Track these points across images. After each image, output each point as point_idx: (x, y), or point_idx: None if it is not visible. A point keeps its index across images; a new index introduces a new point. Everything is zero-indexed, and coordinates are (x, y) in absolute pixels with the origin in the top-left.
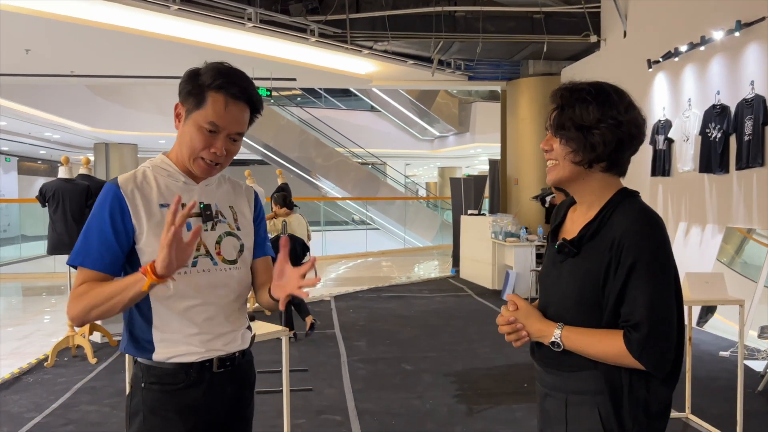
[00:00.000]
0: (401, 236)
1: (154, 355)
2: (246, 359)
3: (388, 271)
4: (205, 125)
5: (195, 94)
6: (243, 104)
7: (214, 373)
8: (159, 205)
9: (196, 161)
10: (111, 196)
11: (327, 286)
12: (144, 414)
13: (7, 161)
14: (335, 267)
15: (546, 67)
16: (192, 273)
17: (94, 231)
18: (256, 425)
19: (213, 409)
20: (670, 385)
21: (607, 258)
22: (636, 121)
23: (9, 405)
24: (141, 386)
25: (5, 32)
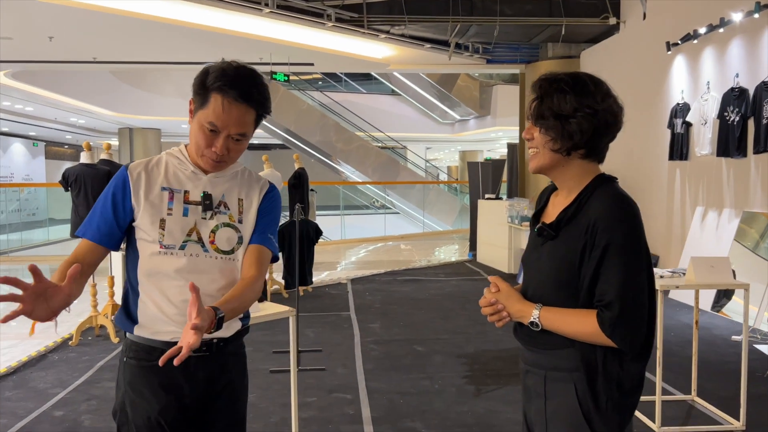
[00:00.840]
0: (421, 220)
1: (135, 328)
2: (229, 348)
3: (405, 255)
4: (206, 125)
5: (200, 94)
6: (244, 106)
7: (190, 356)
8: (161, 188)
9: (202, 157)
10: (117, 178)
11: (345, 269)
12: (124, 387)
13: (35, 146)
14: (355, 251)
15: (565, 50)
16: (178, 255)
17: (98, 208)
18: (269, 402)
19: (186, 392)
20: (642, 362)
21: (583, 240)
22: (611, 109)
23: (35, 381)
24: (123, 360)
25: (29, 20)
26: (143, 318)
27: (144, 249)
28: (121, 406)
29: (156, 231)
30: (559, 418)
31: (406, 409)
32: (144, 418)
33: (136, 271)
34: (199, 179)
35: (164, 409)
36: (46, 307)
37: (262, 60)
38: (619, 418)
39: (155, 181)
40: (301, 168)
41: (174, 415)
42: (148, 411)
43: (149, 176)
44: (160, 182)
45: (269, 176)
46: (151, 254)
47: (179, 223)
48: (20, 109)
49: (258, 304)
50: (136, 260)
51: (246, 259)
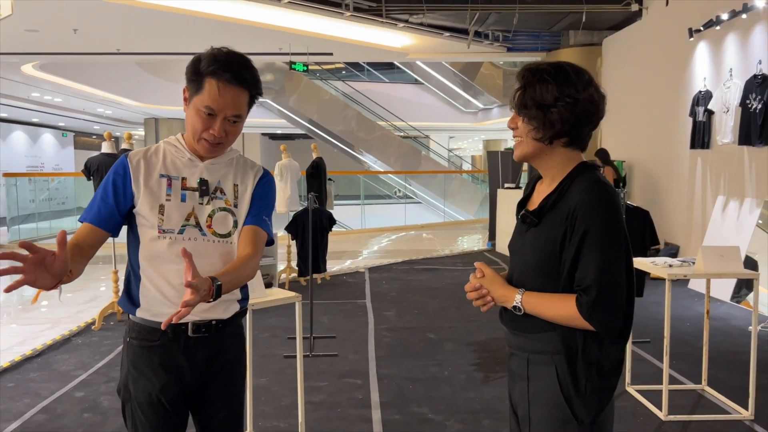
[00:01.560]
0: (442, 210)
1: (137, 311)
2: (228, 330)
3: (425, 245)
4: (203, 109)
5: (195, 81)
6: (238, 88)
7: (190, 337)
8: (159, 174)
9: (199, 142)
10: (118, 165)
11: (364, 258)
12: (127, 366)
13: (64, 136)
14: (375, 240)
15: (587, 38)
16: (177, 239)
17: (98, 194)
18: (281, 386)
19: (185, 371)
20: (621, 345)
21: (563, 227)
22: (592, 98)
23: (59, 363)
24: (126, 340)
25: (54, 13)
26: (144, 300)
27: (144, 234)
28: (124, 383)
29: (155, 216)
30: (540, 399)
31: (414, 395)
32: (145, 395)
33: (137, 256)
34: (196, 166)
35: (165, 387)
36: (48, 275)
37: (282, 50)
38: (598, 399)
39: (154, 168)
40: (318, 158)
41: (174, 394)
42: (150, 388)
43: (148, 164)
44: (159, 169)
45: (287, 166)
46: (150, 239)
47: (177, 208)
48: (49, 100)
49: (266, 290)
50: (137, 245)
51: (241, 239)
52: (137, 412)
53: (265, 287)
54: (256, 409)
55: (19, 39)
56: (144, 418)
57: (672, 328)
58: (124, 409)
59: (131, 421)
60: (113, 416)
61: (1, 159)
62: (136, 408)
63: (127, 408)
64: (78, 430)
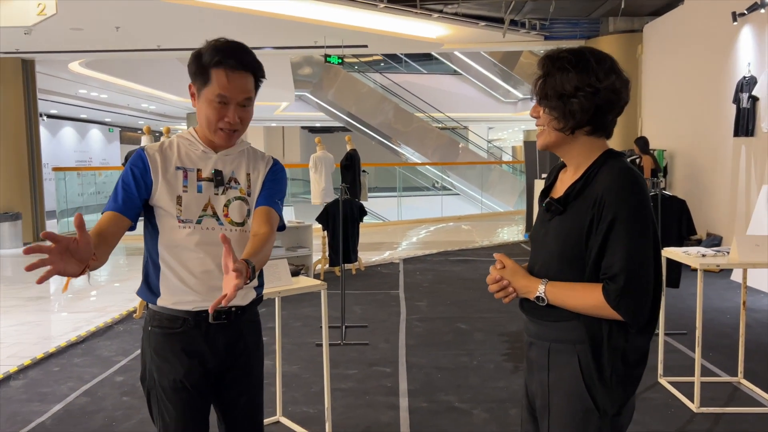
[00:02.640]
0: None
1: (158, 300)
2: (246, 316)
3: (461, 236)
4: (215, 99)
5: (200, 74)
6: (244, 73)
7: (210, 324)
8: (175, 167)
9: (216, 132)
10: (136, 157)
11: (402, 249)
12: (150, 354)
13: (111, 132)
14: (412, 231)
15: (627, 24)
16: (196, 229)
17: (118, 185)
18: (311, 373)
19: (207, 357)
20: (647, 335)
21: (590, 215)
22: (613, 86)
23: (101, 349)
24: (148, 329)
25: (98, 12)
26: (165, 290)
27: (164, 225)
28: (148, 371)
29: (174, 207)
30: (560, 389)
31: (442, 384)
32: (170, 381)
33: (156, 246)
34: (209, 158)
35: (188, 372)
36: (74, 261)
37: (317, 43)
38: (623, 390)
39: (170, 161)
40: (352, 149)
41: (197, 378)
42: (174, 374)
43: (164, 157)
44: (174, 162)
45: (322, 158)
46: (170, 229)
47: (194, 199)
48: (96, 96)
49: (292, 278)
50: (155, 236)
51: (255, 219)
52: (162, 398)
53: (291, 275)
54: (286, 395)
55: (64, 37)
56: (170, 403)
57: (711, 320)
58: (149, 397)
59: (157, 408)
60: None
61: (51, 154)
62: (161, 394)
63: (152, 395)
64: (117, 412)
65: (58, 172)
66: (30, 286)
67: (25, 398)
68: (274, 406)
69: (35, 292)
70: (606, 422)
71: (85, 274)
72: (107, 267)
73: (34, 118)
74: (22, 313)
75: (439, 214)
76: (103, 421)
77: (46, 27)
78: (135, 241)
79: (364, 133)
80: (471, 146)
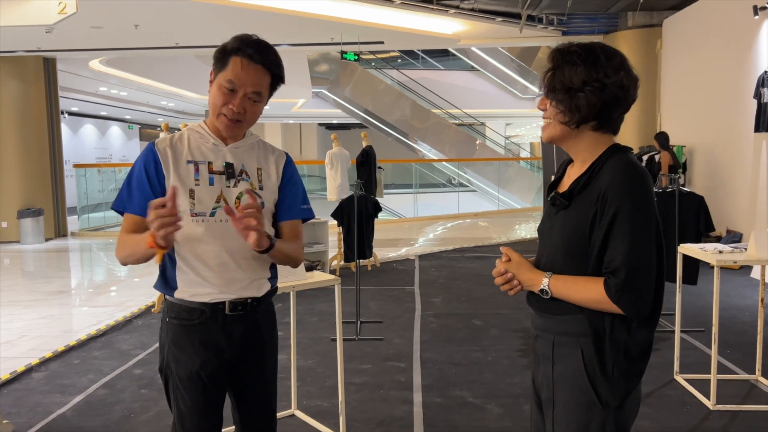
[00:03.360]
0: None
1: (175, 292)
2: (261, 307)
3: (479, 233)
4: (225, 84)
5: (220, 60)
6: (260, 67)
7: (227, 315)
8: (186, 161)
9: (219, 117)
10: (146, 152)
11: (414, 246)
12: (168, 345)
13: (131, 129)
14: (429, 228)
15: (646, 19)
16: (210, 222)
17: (132, 183)
18: (326, 367)
19: (224, 348)
20: (649, 329)
21: (593, 209)
22: (621, 83)
23: (120, 343)
24: (166, 320)
25: (117, 11)
26: (182, 282)
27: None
28: (165, 362)
29: (186, 200)
30: (564, 381)
31: (455, 379)
32: (186, 372)
33: None
34: (220, 150)
35: (204, 363)
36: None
37: (333, 40)
38: (625, 383)
39: (180, 154)
40: (368, 146)
41: (213, 369)
42: (191, 365)
43: (175, 151)
44: (185, 156)
45: (337, 154)
46: (185, 223)
47: (207, 191)
48: (116, 94)
49: (306, 273)
50: None
51: (285, 234)
52: (179, 388)
53: (306, 270)
54: (301, 389)
55: (85, 36)
56: (186, 393)
57: (729, 318)
58: (167, 387)
59: (173, 397)
60: None
61: (72, 151)
62: (178, 384)
63: (169, 385)
64: (135, 404)
65: (78, 169)
66: (52, 281)
67: (46, 390)
68: (289, 399)
69: (57, 287)
70: (609, 415)
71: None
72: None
73: (55, 116)
74: (44, 306)
75: (456, 211)
76: (121, 412)
77: (66, 25)
78: None
79: (381, 129)
80: (488, 142)
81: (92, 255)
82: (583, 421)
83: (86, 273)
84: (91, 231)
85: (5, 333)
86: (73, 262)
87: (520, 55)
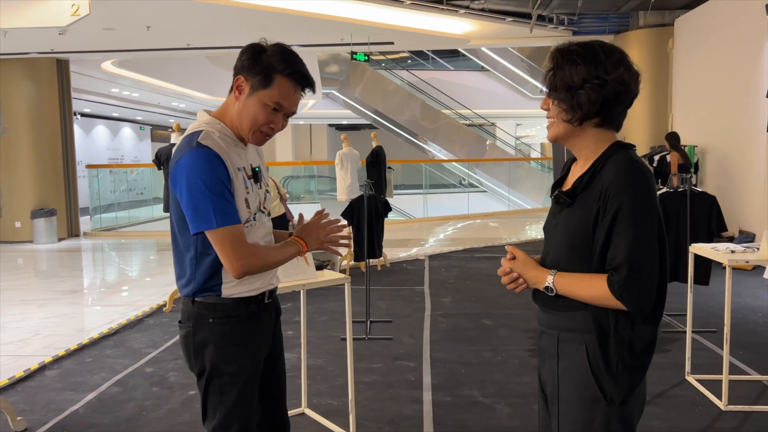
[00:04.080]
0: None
1: (223, 292)
2: (275, 292)
3: (489, 233)
4: (271, 104)
5: (262, 74)
6: (301, 88)
7: (265, 304)
8: (237, 168)
9: (255, 134)
10: (217, 161)
11: (424, 246)
12: (215, 344)
13: (142, 130)
14: (438, 228)
15: (658, 18)
16: (254, 225)
17: (224, 194)
18: (336, 366)
19: (267, 334)
20: (653, 325)
21: (596, 207)
22: (621, 78)
23: (132, 342)
24: (209, 321)
25: (129, 12)
26: (229, 283)
27: None
28: (213, 364)
29: (245, 210)
30: (569, 377)
31: (465, 378)
32: (240, 367)
33: None
34: (243, 155)
35: (256, 354)
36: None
37: (343, 41)
38: (630, 379)
39: (231, 161)
40: (378, 146)
41: (263, 359)
42: (246, 359)
43: (228, 158)
44: (235, 162)
45: (347, 155)
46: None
47: (254, 197)
48: (128, 95)
49: (316, 272)
50: None
51: None
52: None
53: (316, 269)
54: (310, 388)
55: (97, 37)
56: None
57: (742, 318)
58: (208, 388)
59: (219, 397)
60: (179, 390)
61: (84, 152)
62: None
63: (212, 386)
64: (147, 402)
65: (91, 170)
66: (65, 280)
67: (59, 387)
68: (299, 398)
69: (70, 286)
70: (613, 410)
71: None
72: (138, 262)
73: (68, 117)
74: (58, 305)
75: (466, 211)
76: (133, 410)
77: (79, 27)
78: (163, 237)
79: (391, 130)
80: (498, 143)
81: (104, 255)
82: (588, 417)
83: (98, 272)
84: (103, 231)
85: (19, 331)
86: (86, 261)
87: (531, 55)
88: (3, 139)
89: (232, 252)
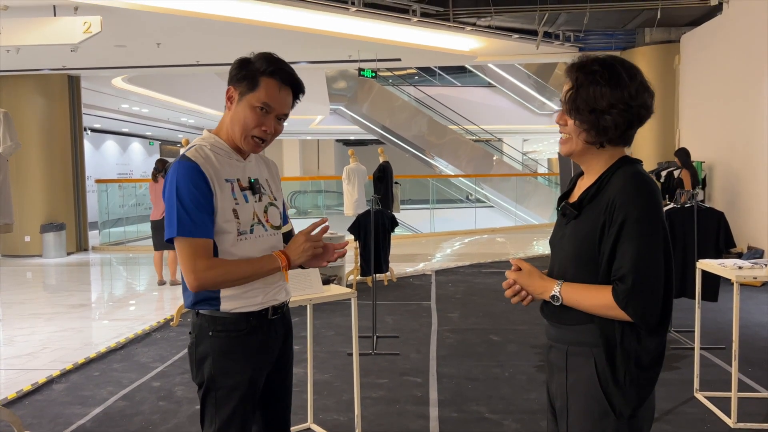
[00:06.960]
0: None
1: (221, 306)
2: (287, 309)
3: (496, 248)
4: (259, 105)
5: (248, 79)
6: (289, 89)
7: (270, 320)
8: (225, 179)
9: (246, 139)
10: (194, 172)
11: (431, 261)
12: (213, 357)
13: (151, 145)
14: (447, 243)
15: (664, 35)
16: (251, 238)
17: (200, 205)
18: (342, 381)
19: (271, 350)
20: (660, 337)
21: (602, 218)
22: (646, 104)
23: (139, 356)
24: (209, 334)
25: (139, 30)
26: (230, 296)
27: (225, 240)
28: (210, 376)
29: (233, 221)
30: (578, 391)
31: (472, 394)
32: (234, 381)
33: (216, 256)
34: (239, 167)
35: (256, 369)
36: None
37: (351, 57)
38: (637, 392)
39: (218, 173)
40: (385, 161)
41: (261, 375)
42: (242, 374)
43: (213, 168)
44: (222, 174)
45: (355, 170)
46: (231, 244)
47: (244, 209)
48: (137, 110)
49: (322, 286)
50: (215, 249)
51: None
52: (223, 401)
53: (323, 283)
54: (317, 403)
55: (109, 54)
56: (238, 402)
57: (751, 335)
58: (206, 400)
59: (214, 409)
60: (186, 404)
61: (94, 167)
62: (223, 396)
63: (209, 398)
64: (154, 416)
65: (100, 184)
66: (73, 294)
67: (67, 401)
68: (305, 412)
69: (78, 300)
70: (623, 424)
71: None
72: (146, 276)
73: (79, 132)
74: (65, 319)
75: (473, 227)
76: (140, 424)
77: (91, 44)
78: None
79: (398, 145)
80: (505, 158)
81: (112, 269)
82: (597, 431)
83: (106, 287)
84: (112, 245)
85: (27, 345)
86: (94, 275)
87: (537, 71)
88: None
89: (186, 263)
